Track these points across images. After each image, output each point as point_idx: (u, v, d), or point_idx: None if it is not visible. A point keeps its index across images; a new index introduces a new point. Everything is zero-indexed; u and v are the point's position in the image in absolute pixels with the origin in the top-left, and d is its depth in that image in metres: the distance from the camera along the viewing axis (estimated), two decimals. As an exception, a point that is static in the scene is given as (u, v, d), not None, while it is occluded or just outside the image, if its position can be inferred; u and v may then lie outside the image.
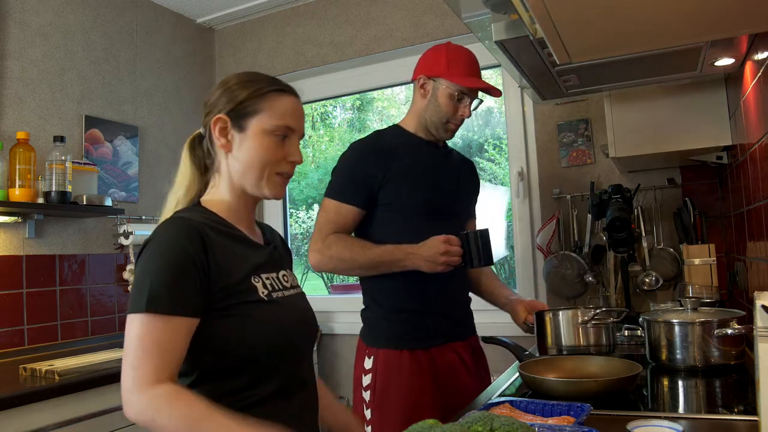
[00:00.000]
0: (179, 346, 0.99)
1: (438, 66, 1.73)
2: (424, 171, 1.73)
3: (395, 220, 1.69)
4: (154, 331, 0.97)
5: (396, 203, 1.68)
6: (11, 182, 2.24)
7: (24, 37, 2.49)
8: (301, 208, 3.83)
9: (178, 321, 0.98)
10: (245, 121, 1.11)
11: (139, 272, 1.02)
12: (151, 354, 0.96)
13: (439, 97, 1.71)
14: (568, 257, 2.43)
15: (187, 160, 1.17)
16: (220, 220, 1.12)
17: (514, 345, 1.62)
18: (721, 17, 1.03)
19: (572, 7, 0.95)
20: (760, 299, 0.93)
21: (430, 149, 1.78)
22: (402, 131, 1.80)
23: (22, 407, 1.73)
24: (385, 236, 1.67)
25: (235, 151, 1.12)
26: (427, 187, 1.72)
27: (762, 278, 1.55)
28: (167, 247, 1.01)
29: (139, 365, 0.96)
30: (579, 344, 1.60)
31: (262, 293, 1.09)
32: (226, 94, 1.13)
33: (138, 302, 0.99)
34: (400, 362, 1.65)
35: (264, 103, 1.12)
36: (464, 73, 1.70)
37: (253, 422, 0.97)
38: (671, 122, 1.93)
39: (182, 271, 1.00)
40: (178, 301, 0.99)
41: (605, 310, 1.66)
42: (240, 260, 1.09)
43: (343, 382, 2.98)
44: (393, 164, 1.69)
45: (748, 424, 1.07)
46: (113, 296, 2.76)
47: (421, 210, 1.70)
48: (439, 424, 0.86)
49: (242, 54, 3.39)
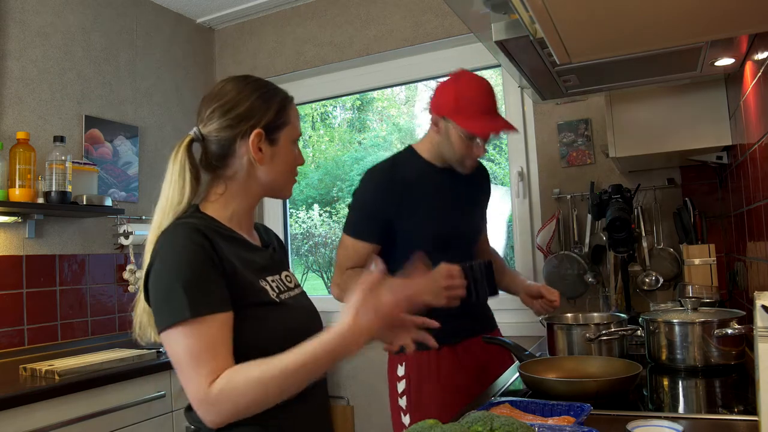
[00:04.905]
0: (228, 341, 0.99)
1: (447, 106, 1.66)
2: (437, 202, 1.75)
3: (410, 246, 1.71)
4: (205, 335, 0.96)
5: (408, 234, 1.72)
6: (11, 182, 2.24)
7: (24, 37, 2.49)
8: (301, 208, 3.83)
9: (220, 317, 0.99)
10: (277, 134, 1.14)
11: (161, 285, 1.00)
12: (202, 360, 0.96)
13: (451, 137, 1.68)
14: (568, 257, 2.42)
15: (183, 167, 1.11)
16: (222, 226, 1.12)
17: (514, 345, 1.63)
18: (721, 17, 1.03)
19: (572, 7, 0.95)
20: (760, 299, 0.93)
21: (445, 176, 1.77)
22: (418, 159, 1.77)
23: (22, 407, 1.73)
24: (404, 258, 1.71)
25: (267, 162, 1.13)
26: (438, 220, 1.75)
27: (762, 278, 1.55)
28: (182, 251, 1.00)
29: (196, 375, 0.95)
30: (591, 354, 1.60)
31: (272, 295, 1.10)
32: (255, 108, 1.12)
33: (174, 313, 0.97)
34: (429, 362, 1.73)
35: (289, 114, 1.16)
36: (474, 113, 1.63)
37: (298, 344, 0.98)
38: (671, 122, 1.93)
39: (205, 270, 1.00)
40: (214, 298, 0.99)
41: (610, 322, 1.67)
42: (247, 263, 1.10)
43: (343, 382, 2.98)
44: (406, 199, 1.70)
45: (748, 424, 1.07)
46: (113, 296, 2.76)
47: (431, 242, 1.73)
48: (439, 424, 0.86)
49: (242, 54, 3.39)
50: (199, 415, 0.97)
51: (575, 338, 1.62)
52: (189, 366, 0.96)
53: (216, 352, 0.97)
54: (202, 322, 0.96)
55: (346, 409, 2.95)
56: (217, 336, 0.97)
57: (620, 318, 1.72)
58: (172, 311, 0.97)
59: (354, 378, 2.95)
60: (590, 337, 1.59)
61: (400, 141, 3.86)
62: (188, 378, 0.97)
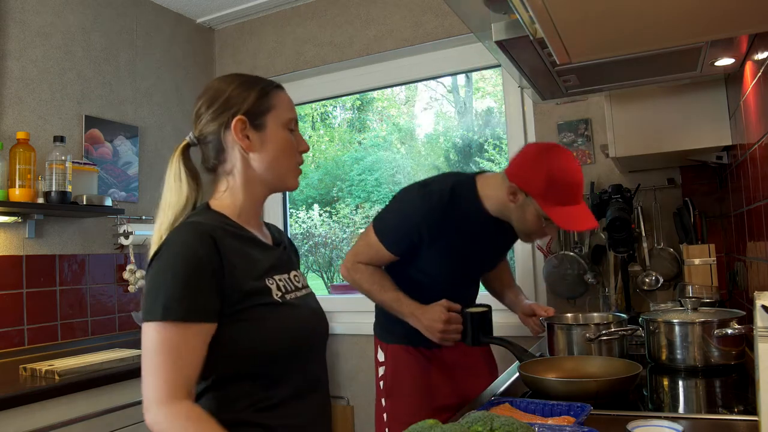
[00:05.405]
0: (198, 353, 0.99)
1: (534, 186, 1.54)
2: (474, 246, 1.74)
3: (427, 266, 1.75)
4: (173, 339, 0.96)
5: (431, 260, 1.72)
6: (11, 182, 2.24)
7: (24, 37, 2.49)
8: (301, 208, 3.83)
9: (195, 327, 0.98)
10: (262, 119, 1.13)
11: (153, 280, 1.01)
12: (170, 363, 0.96)
13: (527, 213, 1.60)
14: (568, 257, 2.43)
15: (182, 171, 1.14)
16: (231, 223, 1.12)
17: (514, 345, 1.63)
18: (721, 17, 1.03)
19: (572, 7, 0.95)
20: (760, 299, 0.93)
21: (491, 223, 1.69)
22: (476, 200, 1.67)
23: (22, 407, 1.73)
24: (417, 273, 1.76)
25: (257, 149, 1.13)
26: (466, 260, 1.76)
27: (762, 278, 1.55)
28: (180, 254, 1.01)
29: (160, 375, 0.95)
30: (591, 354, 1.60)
31: (276, 295, 1.09)
32: (234, 96, 1.13)
33: (154, 310, 0.98)
34: (407, 357, 1.79)
35: (273, 99, 1.15)
36: (561, 201, 1.54)
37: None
38: (671, 122, 1.93)
39: (197, 277, 0.99)
40: (195, 307, 0.98)
41: (610, 322, 1.67)
42: (253, 262, 1.10)
43: (343, 382, 2.98)
44: (447, 234, 1.66)
45: (748, 424, 1.07)
46: (113, 296, 2.76)
47: (449, 272, 1.76)
48: (439, 424, 0.86)
49: (242, 54, 3.39)
50: (143, 409, 0.97)
51: (575, 338, 1.62)
52: (154, 364, 0.96)
53: (182, 360, 0.97)
54: (172, 327, 0.96)
55: (346, 409, 2.95)
56: (182, 347, 0.97)
57: (620, 318, 1.72)
58: (150, 307, 0.98)
59: (354, 378, 2.95)
60: (590, 337, 1.59)
61: (400, 141, 3.86)
62: (150, 374, 0.97)
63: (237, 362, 1.03)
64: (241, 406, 1.03)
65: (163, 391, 0.95)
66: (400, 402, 1.78)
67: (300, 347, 1.11)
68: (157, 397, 0.95)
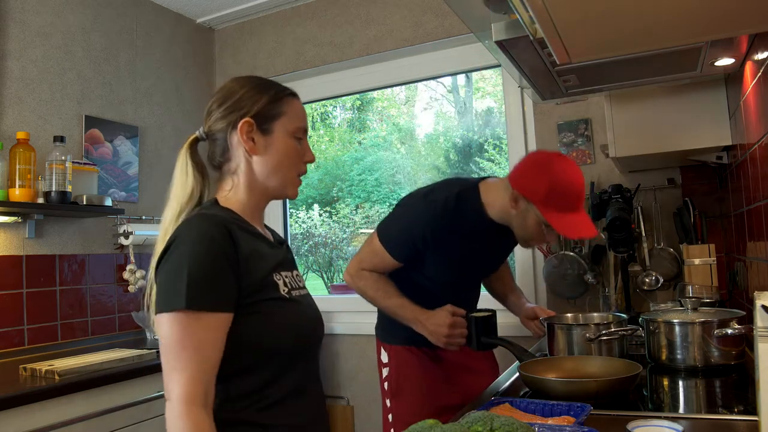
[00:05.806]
0: (219, 344, 0.99)
1: (536, 193, 1.56)
2: (477, 253, 1.76)
3: (429, 271, 1.76)
4: (197, 330, 0.96)
5: (433, 265, 1.73)
6: (11, 182, 2.24)
7: (24, 37, 2.49)
8: (301, 208, 3.83)
9: (217, 317, 0.98)
10: (270, 124, 1.13)
11: (171, 270, 1.00)
12: (193, 355, 0.95)
13: (528, 220, 1.61)
14: (568, 257, 2.43)
15: (189, 164, 1.16)
16: (241, 218, 1.13)
17: (514, 345, 1.63)
18: (721, 17, 1.03)
19: (572, 7, 0.95)
20: (760, 299, 0.93)
21: (494, 229, 1.71)
22: (481, 213, 1.69)
23: (22, 407, 1.73)
24: (420, 279, 1.77)
25: (261, 153, 1.13)
26: (469, 265, 1.79)
27: (762, 278, 1.55)
28: (198, 242, 1.00)
29: (183, 368, 0.95)
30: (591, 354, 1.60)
31: (283, 291, 1.10)
32: (246, 98, 1.13)
33: (174, 300, 0.97)
34: (411, 357, 1.81)
35: (285, 106, 1.15)
36: (562, 209, 1.55)
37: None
38: (671, 122, 1.93)
39: (217, 265, 1.00)
40: (217, 296, 0.99)
41: (610, 322, 1.68)
42: (263, 257, 1.10)
43: (343, 382, 2.98)
44: (447, 242, 1.67)
45: (748, 424, 1.07)
46: (113, 296, 2.76)
47: (451, 277, 1.78)
48: (439, 424, 0.87)
49: (242, 54, 3.39)
50: (166, 407, 0.97)
51: (575, 338, 1.62)
52: (176, 357, 0.96)
53: (205, 352, 0.96)
54: (195, 318, 0.96)
55: (346, 409, 2.95)
56: (204, 338, 0.97)
57: (620, 318, 1.72)
58: (170, 297, 0.98)
59: (354, 378, 2.96)
60: (590, 337, 1.59)
61: (400, 141, 3.86)
62: (172, 368, 0.96)
63: (242, 358, 1.03)
64: (242, 405, 1.03)
65: (187, 389, 0.95)
66: (405, 402, 1.80)
67: (303, 344, 1.12)
68: (180, 396, 0.95)
